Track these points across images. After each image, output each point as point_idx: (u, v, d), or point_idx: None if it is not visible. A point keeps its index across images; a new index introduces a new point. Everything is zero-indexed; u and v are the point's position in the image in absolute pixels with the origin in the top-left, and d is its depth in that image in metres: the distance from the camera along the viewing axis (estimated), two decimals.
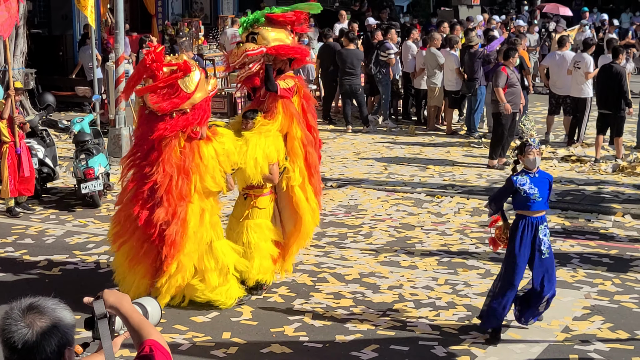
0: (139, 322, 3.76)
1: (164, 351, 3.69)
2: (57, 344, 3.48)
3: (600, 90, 16.85)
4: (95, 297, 3.74)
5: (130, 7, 27.10)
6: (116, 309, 3.76)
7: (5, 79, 16.50)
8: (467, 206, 14.08)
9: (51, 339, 3.47)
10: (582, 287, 10.45)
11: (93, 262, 11.36)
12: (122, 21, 17.53)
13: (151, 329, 3.77)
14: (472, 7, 33.51)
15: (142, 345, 3.68)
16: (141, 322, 3.77)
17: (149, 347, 3.67)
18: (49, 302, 3.56)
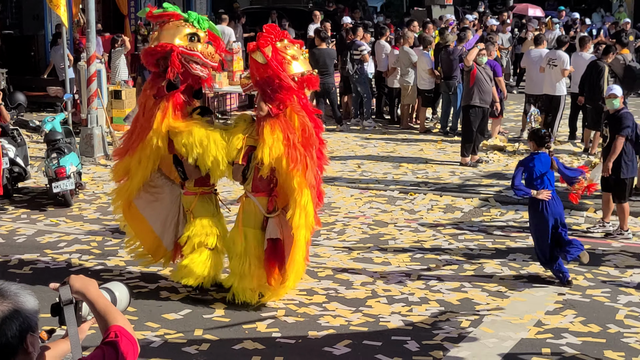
0: (104, 307, 3.73)
1: (130, 337, 3.66)
2: (18, 329, 3.43)
3: (588, 86, 17.02)
4: (62, 282, 3.70)
5: (102, 7, 26.99)
6: (82, 295, 3.73)
7: None
8: (440, 203, 14.10)
9: (12, 323, 3.41)
10: (554, 281, 10.47)
11: (64, 260, 11.28)
12: (94, 21, 17.43)
13: (117, 314, 3.74)
14: (445, 6, 33.61)
15: (108, 331, 3.65)
16: (107, 307, 3.74)
17: (114, 333, 3.64)
18: (12, 287, 3.51)
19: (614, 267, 11.04)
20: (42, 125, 14.59)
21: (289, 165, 9.12)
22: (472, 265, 11.09)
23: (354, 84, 20.76)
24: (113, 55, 21.25)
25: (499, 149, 17.80)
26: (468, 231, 12.62)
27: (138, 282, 10.45)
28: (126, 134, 10.18)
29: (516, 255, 11.46)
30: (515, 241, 12.14)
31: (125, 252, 10.76)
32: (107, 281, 9.91)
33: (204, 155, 9.36)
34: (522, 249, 11.79)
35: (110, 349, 3.59)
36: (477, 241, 12.13)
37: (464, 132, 16.71)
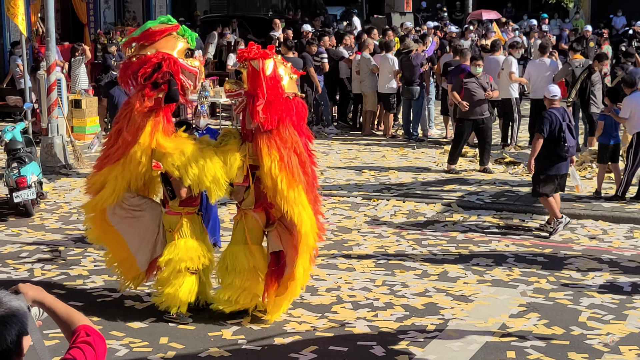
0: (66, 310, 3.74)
1: (100, 335, 3.67)
2: (17, 334, 3.43)
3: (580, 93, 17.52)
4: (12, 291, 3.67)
5: (61, 16, 26.84)
6: (40, 302, 3.72)
7: None
8: (403, 209, 14.15)
9: (12, 328, 3.41)
10: (518, 285, 10.56)
11: (26, 270, 11.18)
12: (54, 29, 17.32)
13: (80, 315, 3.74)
14: (405, 14, 33.78)
15: (77, 332, 3.64)
16: (68, 310, 3.75)
17: (85, 332, 3.63)
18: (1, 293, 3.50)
19: (575, 270, 11.14)
20: (2, 134, 14.45)
21: (289, 186, 9.08)
22: (436, 269, 11.14)
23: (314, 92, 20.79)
24: (73, 64, 21.13)
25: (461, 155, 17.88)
26: (431, 236, 12.68)
27: (102, 291, 10.39)
28: (105, 146, 9.64)
29: (479, 260, 11.53)
30: (478, 245, 12.21)
31: (108, 268, 10.21)
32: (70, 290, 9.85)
33: (201, 175, 9.09)
34: (485, 253, 11.86)
35: (88, 347, 3.59)
36: (441, 246, 12.19)
37: (453, 140, 16.82)
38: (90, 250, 11.89)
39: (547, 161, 12.60)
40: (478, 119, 16.35)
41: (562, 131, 12.44)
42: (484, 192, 15.02)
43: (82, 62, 21.12)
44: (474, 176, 16.16)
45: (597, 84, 17.54)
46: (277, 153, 9.07)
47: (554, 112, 12.61)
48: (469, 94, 16.24)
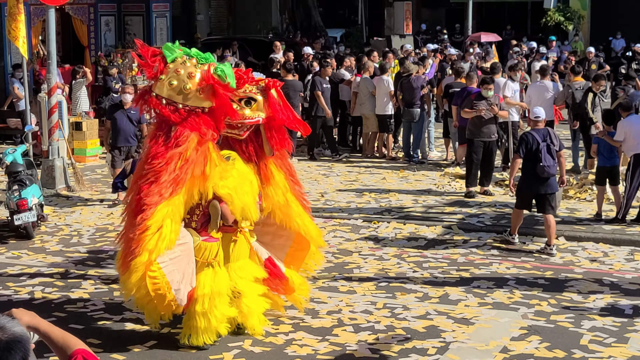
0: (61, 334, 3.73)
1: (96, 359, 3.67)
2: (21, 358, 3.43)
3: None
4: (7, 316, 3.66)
5: (62, 39, 26.90)
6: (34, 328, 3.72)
7: None
8: (404, 231, 14.15)
9: (16, 354, 3.41)
10: (519, 308, 10.54)
11: (27, 293, 11.18)
12: (55, 52, 17.38)
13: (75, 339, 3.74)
14: (405, 36, 33.87)
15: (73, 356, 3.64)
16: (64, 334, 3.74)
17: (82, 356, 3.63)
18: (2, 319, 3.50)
19: (577, 293, 11.13)
20: (3, 157, 14.47)
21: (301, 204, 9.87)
22: (437, 292, 11.13)
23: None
24: (74, 86, 21.17)
25: (461, 177, 17.89)
26: (432, 258, 12.67)
27: (103, 314, 10.38)
28: (150, 178, 8.92)
29: (480, 282, 11.52)
30: (479, 268, 12.20)
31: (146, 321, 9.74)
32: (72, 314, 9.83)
33: (249, 200, 9.23)
34: (486, 275, 11.85)
35: None
36: (442, 268, 12.18)
37: (466, 163, 16.77)
38: (91, 272, 11.89)
39: (525, 179, 13.14)
40: (486, 141, 16.30)
41: (539, 151, 12.78)
42: (484, 214, 15.02)
43: (83, 85, 21.16)
44: (474, 198, 16.15)
45: (597, 105, 17.58)
46: (282, 173, 9.70)
47: (533, 133, 13.09)
48: (478, 116, 16.20)
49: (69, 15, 26.41)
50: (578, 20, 39.26)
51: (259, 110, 9.36)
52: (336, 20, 43.97)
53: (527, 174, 13.09)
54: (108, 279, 11.61)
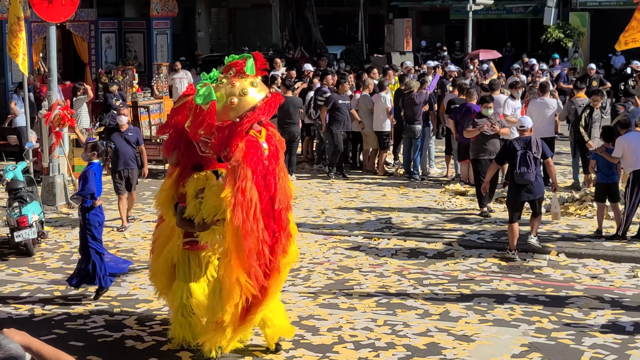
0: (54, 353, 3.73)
1: None
2: None
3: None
4: None
5: (63, 56, 26.97)
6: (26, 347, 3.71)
7: None
8: (405, 248, 14.14)
9: None
10: (520, 325, 10.53)
11: (27, 310, 11.16)
12: (55, 69, 17.42)
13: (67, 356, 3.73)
14: (405, 53, 33.88)
15: None
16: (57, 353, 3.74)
17: None
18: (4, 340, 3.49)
19: (577, 310, 11.11)
20: (3, 174, 14.48)
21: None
22: (437, 309, 11.11)
23: (317, 129, 20.83)
24: (75, 103, 21.18)
25: (461, 194, 17.90)
26: (433, 275, 12.66)
27: (103, 331, 10.37)
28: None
29: (481, 299, 11.50)
30: (480, 285, 12.19)
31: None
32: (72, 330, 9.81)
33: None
34: (486, 292, 11.83)
35: None
36: (442, 285, 12.17)
37: (475, 184, 16.68)
38: (91, 289, 11.88)
39: (511, 189, 13.89)
40: (491, 159, 15.96)
41: (515, 158, 13.36)
42: (485, 231, 15.01)
43: (83, 102, 21.19)
44: (474, 215, 16.15)
45: (597, 122, 17.61)
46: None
47: (513, 141, 13.77)
48: (481, 134, 16.16)
49: (70, 32, 26.50)
50: (578, 37, 39.37)
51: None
52: (336, 37, 44.05)
53: (511, 184, 13.80)
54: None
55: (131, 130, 15.64)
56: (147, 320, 10.72)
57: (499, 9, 42.44)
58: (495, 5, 40.60)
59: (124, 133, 15.55)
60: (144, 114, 22.82)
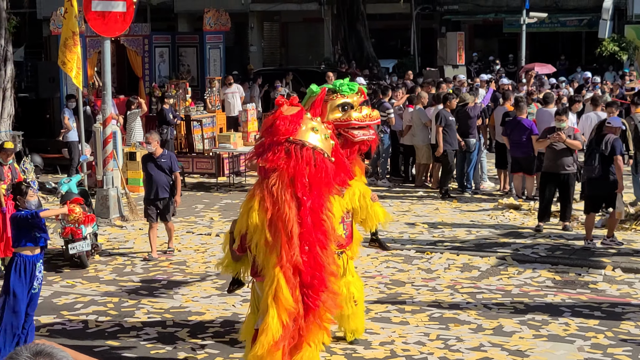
0: None
1: None
2: None
3: None
4: None
5: (117, 70, 27.20)
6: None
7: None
8: (457, 262, 14.03)
9: None
10: (575, 340, 10.38)
11: (80, 321, 11.24)
12: (110, 83, 17.58)
13: None
14: (457, 67, 33.80)
15: None
16: None
17: None
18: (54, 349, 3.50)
19: (634, 326, 10.93)
20: (58, 186, 14.65)
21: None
22: (491, 324, 11.00)
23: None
24: (129, 117, 21.40)
25: (515, 208, 17.73)
26: (486, 290, 12.55)
27: (155, 343, 10.40)
28: None
29: (535, 314, 11.36)
30: (534, 300, 12.04)
31: None
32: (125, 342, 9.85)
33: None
34: (540, 307, 11.69)
35: None
36: (495, 300, 12.04)
37: (539, 198, 16.47)
38: (144, 302, 11.94)
39: (589, 183, 14.63)
40: (561, 173, 15.83)
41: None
42: (538, 245, 14.85)
43: (137, 115, 21.38)
44: (527, 229, 15.99)
45: None
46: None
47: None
48: (551, 148, 15.83)
49: (124, 47, 26.74)
50: (633, 51, 38.92)
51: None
52: (388, 50, 44.02)
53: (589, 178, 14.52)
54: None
55: (165, 156, 14.58)
56: (199, 332, 10.74)
57: (553, 22, 42.15)
58: (549, 18, 40.32)
59: (156, 159, 14.52)
60: (196, 128, 22.96)
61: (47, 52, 28.07)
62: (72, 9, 17.32)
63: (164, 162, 14.47)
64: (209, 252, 14.78)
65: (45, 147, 23.13)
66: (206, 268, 13.78)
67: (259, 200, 8.31)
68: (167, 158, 14.52)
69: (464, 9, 44.30)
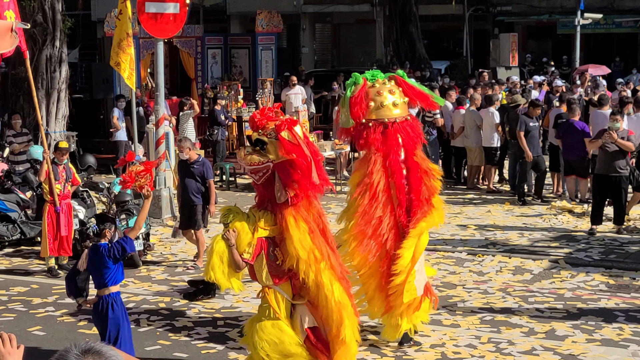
0: None
1: None
2: None
3: None
4: None
5: (170, 71, 27.41)
6: None
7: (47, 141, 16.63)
8: (509, 265, 13.90)
9: None
10: (629, 345, 10.25)
11: (132, 321, 11.29)
12: (163, 84, 17.69)
13: None
14: (510, 68, 33.54)
15: None
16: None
17: None
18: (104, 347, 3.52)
19: None
20: (111, 186, 14.77)
21: (318, 258, 8.56)
22: (543, 327, 10.89)
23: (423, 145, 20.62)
24: (181, 118, 21.49)
25: (568, 211, 17.55)
26: (538, 293, 12.42)
27: (206, 343, 10.45)
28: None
29: (588, 318, 11.22)
30: (587, 304, 11.90)
31: None
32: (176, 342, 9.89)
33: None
34: (594, 311, 11.55)
35: None
36: (548, 303, 11.92)
37: (592, 200, 16.34)
38: (195, 302, 11.98)
39: None
40: (613, 175, 15.62)
41: None
42: (592, 248, 14.68)
43: (189, 116, 21.47)
44: (581, 232, 15.81)
45: None
46: (305, 225, 8.62)
47: None
48: (603, 150, 15.66)
49: (177, 48, 26.93)
50: None
51: (270, 154, 8.49)
52: (441, 52, 43.79)
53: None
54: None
55: (198, 162, 14.10)
56: None
57: (608, 23, 41.64)
58: (604, 20, 39.83)
59: (190, 165, 14.10)
60: (248, 129, 23.01)
61: (101, 53, 28.37)
62: (127, 10, 17.46)
63: (196, 168, 14.07)
64: None
65: (98, 147, 23.35)
66: None
67: None
68: (201, 165, 14.07)
69: (517, 10, 43.93)
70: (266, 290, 8.72)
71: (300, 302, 8.78)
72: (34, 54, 20.22)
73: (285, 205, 8.57)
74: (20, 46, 13.37)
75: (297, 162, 8.41)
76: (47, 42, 20.96)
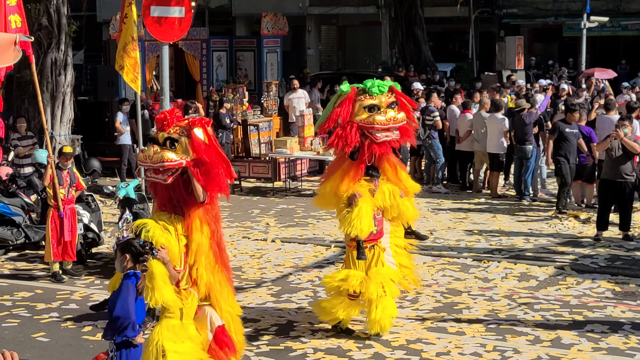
0: None
1: None
2: None
3: None
4: None
5: (175, 74, 27.37)
6: None
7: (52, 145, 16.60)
8: (515, 271, 13.85)
9: None
10: (635, 354, 10.21)
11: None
12: (168, 87, 17.61)
13: None
14: (516, 71, 33.49)
15: None
16: None
17: None
18: None
19: None
20: (116, 191, 14.73)
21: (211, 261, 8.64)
22: (549, 335, 10.84)
23: (427, 149, 20.60)
24: None
25: (574, 216, 17.49)
26: (544, 300, 12.37)
27: None
28: None
29: (594, 326, 11.17)
30: (593, 311, 11.85)
31: None
32: None
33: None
34: (600, 319, 11.49)
35: None
36: (554, 311, 11.87)
37: (598, 205, 16.27)
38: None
39: None
40: (620, 181, 15.50)
41: None
42: (598, 255, 14.62)
43: None
44: (587, 239, 15.75)
45: None
46: (208, 228, 8.63)
47: None
48: (609, 155, 15.53)
49: (182, 51, 26.89)
50: None
51: (182, 153, 8.43)
52: (446, 54, 43.78)
53: None
54: None
55: None
56: (254, 340, 10.72)
57: (614, 26, 41.60)
58: (610, 22, 39.78)
59: None
60: (253, 132, 22.97)
61: (107, 55, 28.34)
62: (132, 14, 17.41)
63: None
64: (264, 257, 14.78)
65: (103, 150, 23.31)
66: (262, 274, 13.78)
67: None
68: None
69: (523, 12, 43.91)
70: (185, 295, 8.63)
71: (207, 304, 8.78)
72: (39, 57, 20.17)
73: (195, 207, 8.55)
74: (25, 49, 13.32)
75: (210, 162, 8.42)
76: (53, 45, 20.91)
